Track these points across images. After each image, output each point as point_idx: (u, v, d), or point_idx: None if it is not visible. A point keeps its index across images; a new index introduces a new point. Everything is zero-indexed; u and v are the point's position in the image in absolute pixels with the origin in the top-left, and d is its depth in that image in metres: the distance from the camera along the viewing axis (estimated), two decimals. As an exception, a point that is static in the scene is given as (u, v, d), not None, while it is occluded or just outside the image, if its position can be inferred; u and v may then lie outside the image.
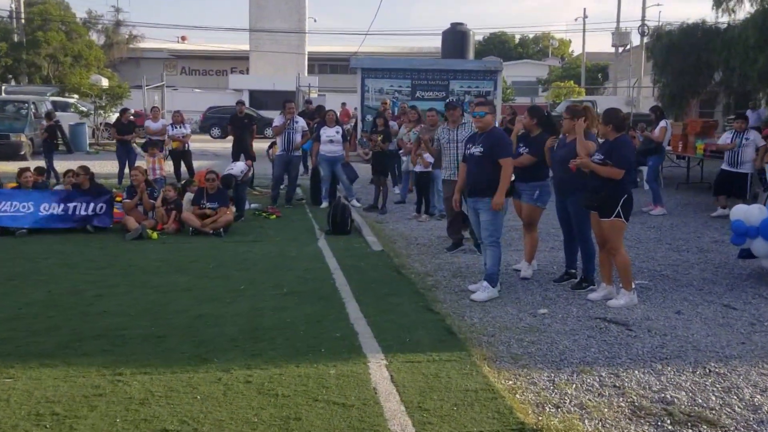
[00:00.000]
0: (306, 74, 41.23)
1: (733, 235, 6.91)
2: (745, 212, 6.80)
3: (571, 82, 47.86)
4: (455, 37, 26.36)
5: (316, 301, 5.97)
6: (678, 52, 15.79)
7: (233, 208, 10.03)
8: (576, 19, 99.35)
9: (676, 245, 8.69)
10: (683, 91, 16.03)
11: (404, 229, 9.82)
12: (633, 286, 6.03)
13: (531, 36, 73.20)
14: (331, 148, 11.65)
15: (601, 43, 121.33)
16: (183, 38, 56.82)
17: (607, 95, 44.73)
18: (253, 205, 11.38)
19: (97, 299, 6.02)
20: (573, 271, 6.79)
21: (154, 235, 9.01)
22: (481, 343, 4.94)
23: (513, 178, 6.42)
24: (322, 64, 53.62)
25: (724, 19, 15.76)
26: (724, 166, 10.94)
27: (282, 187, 12.16)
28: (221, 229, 9.11)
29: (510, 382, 4.23)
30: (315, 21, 53.15)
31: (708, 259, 7.83)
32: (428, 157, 10.51)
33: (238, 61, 51.56)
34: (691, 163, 15.33)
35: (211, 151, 23.45)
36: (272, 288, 6.43)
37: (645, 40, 43.89)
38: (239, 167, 10.85)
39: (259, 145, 16.29)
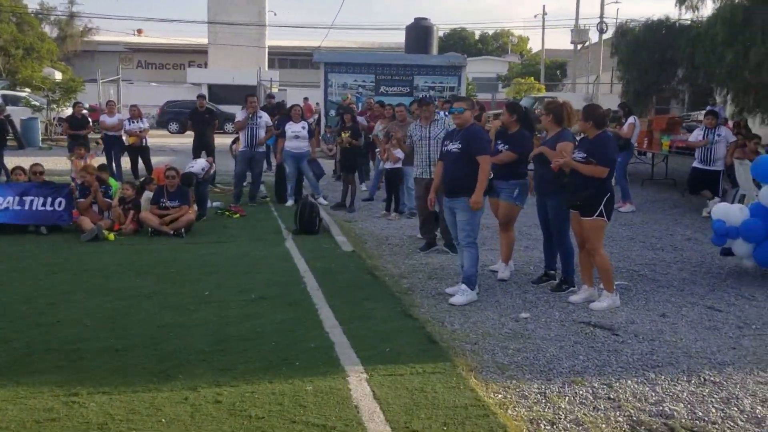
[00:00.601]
0: (267, 68, 40.58)
1: (714, 235, 6.78)
2: (725, 212, 6.68)
3: (531, 78, 48.19)
4: (419, 32, 26.11)
5: (287, 308, 5.64)
6: (643, 48, 15.81)
7: (195, 207, 9.60)
8: (535, 16, 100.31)
9: (650, 243, 8.57)
10: (648, 87, 16.04)
11: (374, 228, 9.52)
12: (615, 288, 5.84)
13: (491, 32, 73.66)
14: (297, 144, 11.28)
15: (559, 40, 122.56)
16: (139, 31, 55.56)
17: (566, 91, 45.06)
18: (215, 204, 10.95)
19: (50, 308, 5.58)
20: (552, 272, 6.59)
21: (111, 236, 8.55)
22: (464, 351, 4.68)
23: (491, 176, 6.18)
24: (283, 59, 52.93)
25: (687, 16, 15.85)
26: (696, 164, 10.88)
27: (245, 184, 11.75)
28: (182, 230, 8.69)
29: (500, 396, 3.98)
30: (275, 15, 52.51)
31: (684, 258, 7.72)
32: (398, 153, 10.24)
33: (197, 55, 50.58)
34: (655, 160, 15.36)
35: (170, 146, 22.80)
36: (239, 293, 6.08)
37: (605, 36, 44.48)
38: (200, 164, 10.42)
39: (220, 141, 15.80)
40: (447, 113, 7.38)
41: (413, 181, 10.50)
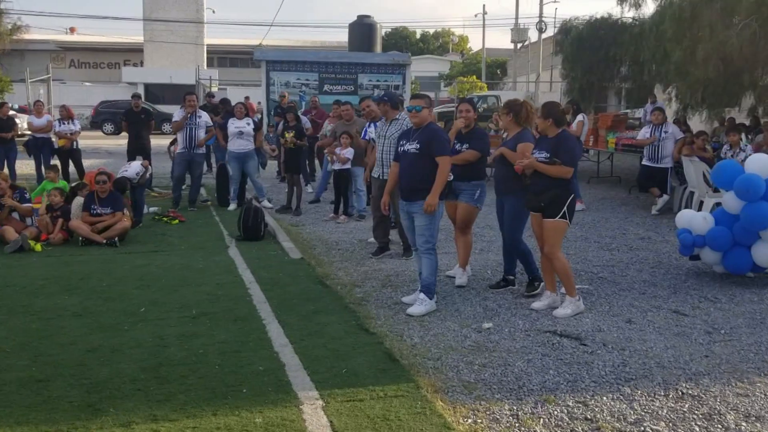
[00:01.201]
0: (205, 67, 39.56)
1: (680, 246, 6.60)
2: (689, 221, 6.51)
3: (474, 77, 48.46)
4: (362, 30, 25.74)
5: (231, 325, 5.18)
6: (587, 46, 15.82)
7: (130, 214, 9.01)
8: (476, 15, 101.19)
9: (605, 243, 8.41)
10: (593, 85, 16.06)
11: (322, 232, 9.10)
12: (577, 292, 5.59)
13: (432, 32, 73.96)
14: (241, 142, 10.77)
15: (500, 40, 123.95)
16: (72, 29, 53.52)
17: (507, 90, 45.45)
18: (152, 209, 10.34)
19: (-37, 332, 5.00)
20: (511, 277, 6.31)
21: (38, 246, 7.90)
22: (427, 369, 4.33)
23: (451, 177, 5.86)
24: (222, 57, 51.83)
25: (630, 14, 15.94)
26: (645, 162, 10.82)
27: (184, 187, 11.17)
28: (116, 239, 8.10)
29: (469, 421, 3.64)
30: (213, 12, 51.38)
31: (641, 259, 7.56)
32: (346, 154, 9.85)
33: (132, 54, 49.01)
34: (601, 157, 15.37)
35: (104, 148, 21.87)
36: (178, 309, 5.58)
37: (544, 36, 45.04)
38: (134, 168, 9.79)
39: (157, 142, 15.09)
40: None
41: (362, 182, 10.19)
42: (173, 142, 14.53)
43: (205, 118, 10.92)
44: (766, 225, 5.97)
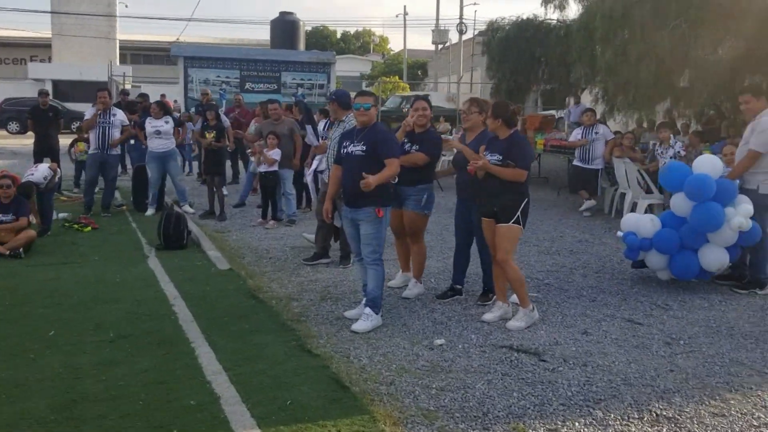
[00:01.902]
0: (118, 63, 37.82)
1: (626, 248, 6.43)
2: (636, 224, 6.33)
3: (396, 77, 48.43)
4: (285, 27, 25.16)
5: (155, 349, 4.61)
6: (513, 47, 15.78)
7: (36, 221, 8.19)
8: (397, 15, 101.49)
9: (545, 247, 8.22)
10: (520, 85, 16.04)
11: (251, 239, 8.54)
12: (530, 302, 5.30)
13: (352, 31, 73.67)
14: (160, 142, 10.06)
15: (420, 41, 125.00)
16: (-29, 22, 50.28)
17: (428, 90, 45.62)
18: (61, 215, 9.47)
19: None
20: (459, 287, 5.97)
21: (-72, 260, 7.03)
22: (381, 396, 3.90)
23: (396, 180, 5.46)
24: (136, 54, 49.77)
25: (555, 16, 16.01)
26: (576, 162, 10.77)
27: (97, 191, 10.34)
28: (20, 249, 7.30)
29: (436, 459, 3.24)
30: (126, 6, 49.32)
31: (584, 263, 7.38)
32: (273, 155, 9.32)
33: (39, 49, 46.38)
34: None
35: (9, 148, 20.42)
36: (93, 331, 4.96)
37: (465, 37, 45.45)
38: (42, 171, 8.93)
39: (66, 142, 14.05)
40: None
41: (291, 185, 9.67)
42: (74, 143, 13.57)
43: (120, 116, 10.14)
44: (717, 226, 5.85)
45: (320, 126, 9.92)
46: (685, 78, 9.99)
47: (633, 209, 9.40)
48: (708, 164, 6.08)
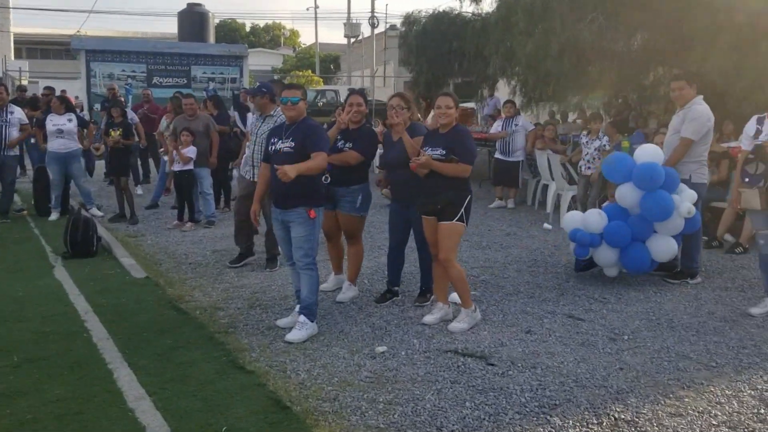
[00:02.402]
0: (12, 58, 35.59)
1: (576, 246, 6.29)
2: (582, 220, 6.23)
3: (309, 71, 47.92)
4: (193, 19, 24.18)
5: (68, 374, 4.13)
6: (431, 39, 15.67)
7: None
8: (307, 9, 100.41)
9: (475, 241, 8.08)
10: (438, 78, 15.96)
11: (167, 243, 8.01)
12: (473, 303, 5.11)
13: (262, 24, 72.41)
14: (62, 141, 9.33)
15: (328, 35, 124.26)
16: None
17: (342, 84, 45.38)
18: (-47, 224, 8.66)
19: None
20: (396, 288, 5.72)
21: None
22: (325, 415, 3.60)
23: (328, 180, 5.15)
24: (32, 48, 47.13)
25: (470, 9, 16.02)
26: (498, 155, 10.72)
27: (-7, 195, 9.52)
28: None
29: (393, 485, 2.96)
30: (19, -3, 46.49)
31: (516, 257, 7.28)
32: (188, 153, 8.79)
33: None
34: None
35: None
36: (-6, 356, 4.42)
37: (377, 31, 45.43)
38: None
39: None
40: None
41: (209, 184, 9.17)
42: None
43: (18, 114, 9.35)
44: (669, 214, 5.81)
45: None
46: (603, 70, 10.08)
47: (558, 201, 9.44)
48: (651, 153, 6.05)
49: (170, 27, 25.61)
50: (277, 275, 6.52)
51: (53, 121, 9.33)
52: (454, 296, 5.38)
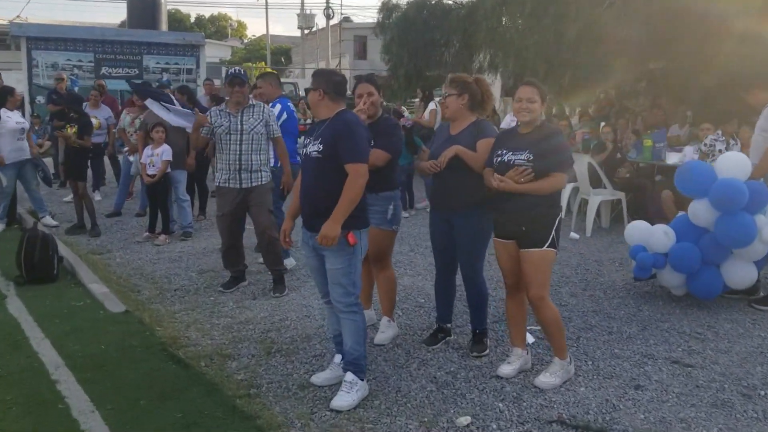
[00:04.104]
0: (-58, 46, 33.00)
1: (636, 267, 5.34)
2: (647, 235, 5.26)
3: (263, 63, 46.34)
4: (144, 5, 22.46)
5: (44, 479, 2.91)
6: (412, 28, 14.58)
7: None
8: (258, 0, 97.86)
9: (500, 256, 7.03)
10: (419, 70, 14.88)
11: (140, 261, 6.72)
12: (568, 353, 4.05)
13: (207, 15, 70.21)
14: (20, 145, 7.92)
15: (279, 27, 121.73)
16: None
17: (296, 77, 44.02)
18: None
19: None
20: (448, 326, 4.61)
21: None
22: None
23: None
24: (-37, 36, 44.06)
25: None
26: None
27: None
28: None
29: None
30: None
31: (561, 276, 6.23)
32: (165, 154, 7.52)
33: None
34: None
35: None
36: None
37: (332, 22, 44.19)
38: None
39: None
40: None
41: (184, 190, 7.90)
42: None
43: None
44: (749, 241, 4.86)
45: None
46: (621, 59, 9.15)
47: (583, 206, 8.47)
48: (734, 165, 5.06)
49: (120, 17, 23.71)
50: (287, 303, 5.36)
51: (15, 119, 7.90)
52: (529, 337, 4.38)
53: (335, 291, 3.72)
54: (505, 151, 3.94)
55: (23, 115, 8.21)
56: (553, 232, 3.83)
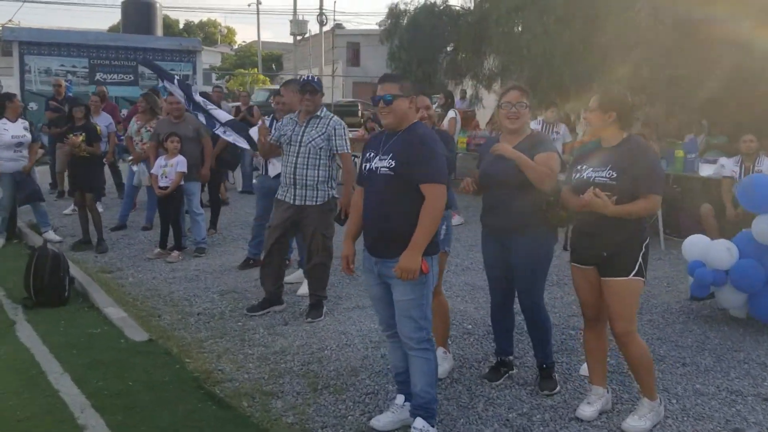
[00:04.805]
0: (-72, 51, 32.25)
1: (693, 284, 4.96)
2: (706, 251, 4.88)
3: (255, 69, 45.98)
4: (139, 10, 22.03)
5: None
6: (423, 33, 14.18)
7: None
8: (249, 5, 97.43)
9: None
10: (429, 76, 14.47)
11: (155, 281, 6.27)
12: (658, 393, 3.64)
13: (196, 21, 69.78)
14: (15, 155, 7.44)
15: (270, 33, 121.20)
16: None
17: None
18: None
19: None
20: (510, 358, 4.20)
21: None
22: None
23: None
24: (-50, 40, 43.30)
25: (456, 1, 14.69)
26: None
27: None
28: None
29: None
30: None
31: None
32: (180, 165, 7.08)
33: None
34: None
35: None
36: None
37: (325, 28, 43.85)
38: None
39: None
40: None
41: (198, 202, 7.46)
42: None
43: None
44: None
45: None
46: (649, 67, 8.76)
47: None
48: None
49: (106, 23, 23.18)
50: (322, 330, 4.94)
51: (12, 132, 7.41)
52: (584, 368, 3.99)
53: (405, 325, 3.30)
54: (584, 167, 3.56)
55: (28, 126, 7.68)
56: (640, 258, 3.43)
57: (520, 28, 10.89)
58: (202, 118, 7.11)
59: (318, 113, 5.07)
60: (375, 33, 46.81)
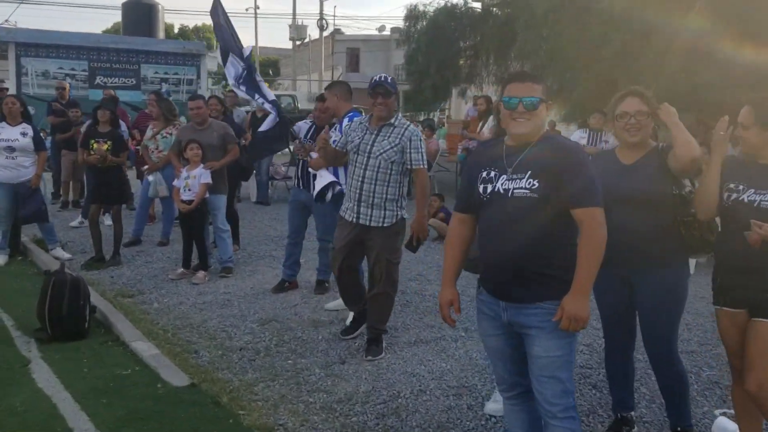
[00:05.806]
0: None
1: None
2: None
3: (256, 74, 45.29)
4: (140, 11, 21.31)
5: None
6: (441, 35, 13.56)
7: None
8: (247, 9, 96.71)
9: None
10: (447, 81, 13.85)
11: (183, 307, 5.56)
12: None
13: (191, 26, 69.13)
14: (9, 162, 6.72)
15: (266, 38, 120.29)
16: None
17: (286, 89, 43.14)
18: None
19: None
20: (631, 414, 3.52)
21: None
22: None
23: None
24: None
25: (476, 4, 14.10)
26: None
27: None
28: None
29: None
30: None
31: (688, 324, 5.20)
32: (204, 176, 6.38)
33: None
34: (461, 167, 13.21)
35: None
36: None
37: (324, 34, 43.29)
38: None
39: None
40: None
41: (224, 218, 6.76)
42: None
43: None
44: None
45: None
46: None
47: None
48: None
49: (102, 26, 22.48)
50: (386, 370, 4.26)
51: (5, 133, 6.71)
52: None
53: (548, 388, 2.60)
54: (743, 187, 2.90)
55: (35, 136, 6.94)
56: None
57: (552, 31, 10.23)
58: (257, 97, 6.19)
59: (392, 120, 4.36)
60: (375, 38, 46.26)
